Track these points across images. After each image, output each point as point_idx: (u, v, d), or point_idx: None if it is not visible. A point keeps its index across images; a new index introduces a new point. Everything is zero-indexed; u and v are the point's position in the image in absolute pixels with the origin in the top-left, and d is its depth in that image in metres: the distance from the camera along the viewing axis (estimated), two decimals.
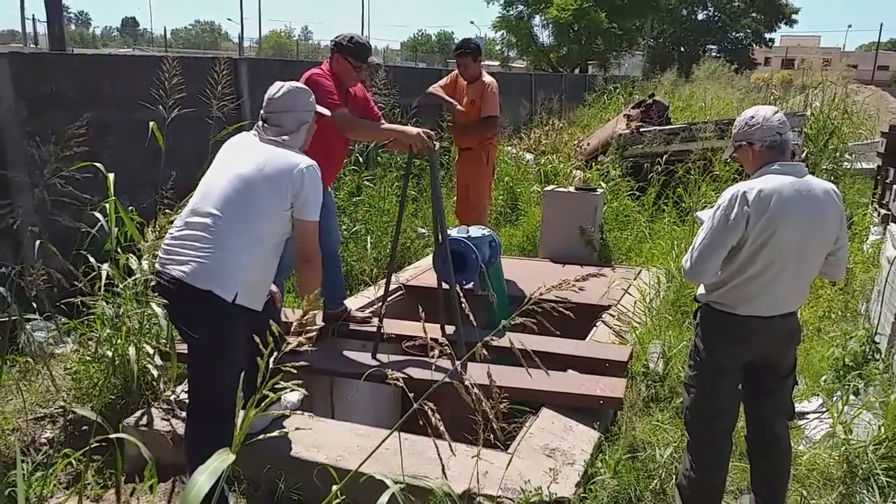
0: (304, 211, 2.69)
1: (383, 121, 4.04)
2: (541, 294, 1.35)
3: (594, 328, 4.48)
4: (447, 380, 1.47)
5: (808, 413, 3.71)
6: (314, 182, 2.69)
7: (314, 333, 1.37)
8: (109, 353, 3.50)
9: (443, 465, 1.64)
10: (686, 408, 2.79)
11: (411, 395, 1.49)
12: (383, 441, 1.58)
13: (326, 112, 3.01)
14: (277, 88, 2.82)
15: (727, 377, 2.68)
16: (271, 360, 1.20)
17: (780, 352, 2.68)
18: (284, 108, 2.79)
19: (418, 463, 2.81)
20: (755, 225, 2.45)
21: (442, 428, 1.30)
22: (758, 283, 2.53)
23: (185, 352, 3.67)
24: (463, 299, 1.87)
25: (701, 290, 2.74)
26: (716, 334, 2.67)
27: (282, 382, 1.19)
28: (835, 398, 3.63)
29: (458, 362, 1.43)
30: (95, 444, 2.80)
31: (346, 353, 3.92)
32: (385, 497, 1.90)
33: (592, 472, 3.02)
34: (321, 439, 3.07)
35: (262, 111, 2.84)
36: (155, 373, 3.54)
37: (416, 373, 3.42)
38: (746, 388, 2.74)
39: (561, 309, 1.32)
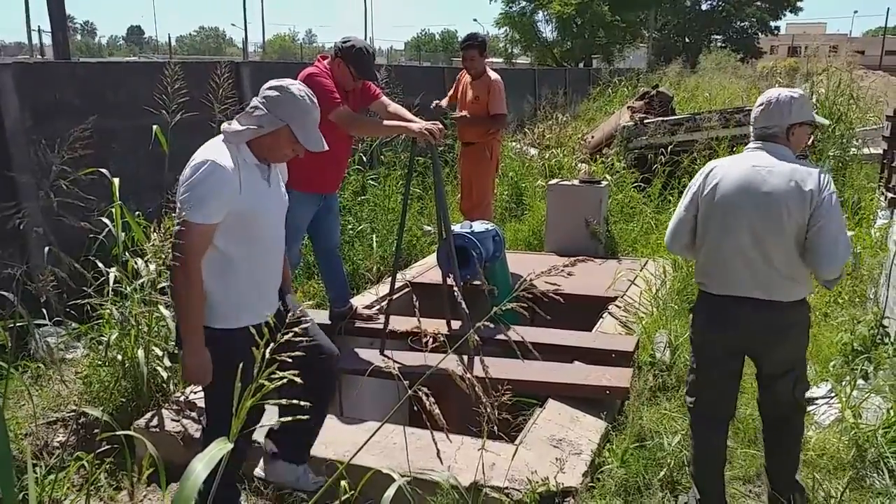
0: (180, 208, 2.32)
1: (384, 98, 3.95)
2: (531, 280, 1.36)
3: (601, 320, 4.48)
4: (441, 368, 1.48)
5: (816, 398, 3.69)
6: (194, 176, 2.28)
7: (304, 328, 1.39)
8: (119, 357, 3.54)
9: (438, 452, 1.65)
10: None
11: (406, 382, 1.50)
12: (376, 430, 1.59)
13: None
14: (291, 83, 2.45)
15: (711, 362, 2.71)
16: (267, 351, 1.22)
17: (766, 346, 2.62)
18: (264, 95, 2.39)
19: (425, 457, 2.83)
20: (704, 199, 2.60)
21: (437, 411, 1.31)
22: (717, 259, 2.60)
23: None
24: (457, 293, 1.88)
25: None
26: (699, 315, 2.74)
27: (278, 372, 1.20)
28: (843, 383, 3.62)
29: (450, 352, 1.44)
30: (108, 447, 2.84)
31: (353, 350, 3.94)
32: (391, 490, 1.92)
33: (600, 461, 3.03)
34: (330, 436, 3.09)
35: None
36: (164, 375, 3.57)
37: (421, 367, 3.43)
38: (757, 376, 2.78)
39: (552, 295, 1.33)
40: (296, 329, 1.36)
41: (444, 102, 5.67)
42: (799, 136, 2.62)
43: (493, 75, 5.50)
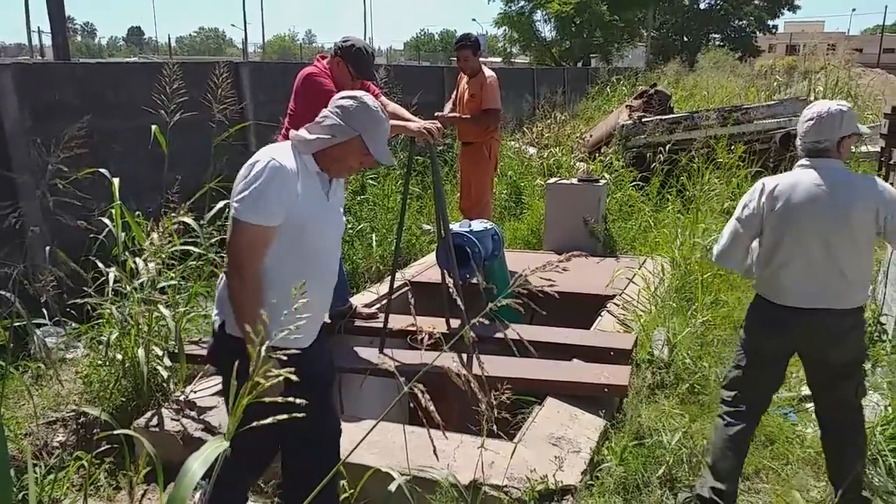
0: (233, 205, 2.16)
1: (382, 97, 3.92)
2: (525, 276, 1.37)
3: (599, 317, 4.49)
4: (438, 366, 1.48)
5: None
6: (253, 173, 2.12)
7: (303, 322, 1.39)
8: (119, 356, 3.54)
9: (434, 450, 1.66)
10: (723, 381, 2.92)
11: (403, 380, 1.51)
12: (372, 428, 1.60)
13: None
14: (363, 94, 2.35)
15: (760, 362, 2.75)
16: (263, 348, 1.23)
17: (822, 351, 2.67)
18: (337, 104, 2.27)
19: (425, 455, 2.82)
20: (769, 219, 2.60)
21: (432, 408, 1.31)
22: (786, 274, 2.61)
23: (195, 352, 3.75)
24: (453, 291, 1.88)
25: None
26: (755, 319, 2.78)
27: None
28: None
29: (445, 348, 1.45)
30: (107, 447, 2.85)
31: (353, 349, 3.95)
32: (392, 488, 1.93)
33: (598, 459, 3.04)
34: None
35: None
36: (164, 374, 3.58)
37: (419, 365, 3.43)
38: (807, 378, 2.83)
39: (547, 291, 1.34)
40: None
41: (446, 110, 5.67)
42: (846, 148, 2.67)
43: (488, 72, 5.51)
